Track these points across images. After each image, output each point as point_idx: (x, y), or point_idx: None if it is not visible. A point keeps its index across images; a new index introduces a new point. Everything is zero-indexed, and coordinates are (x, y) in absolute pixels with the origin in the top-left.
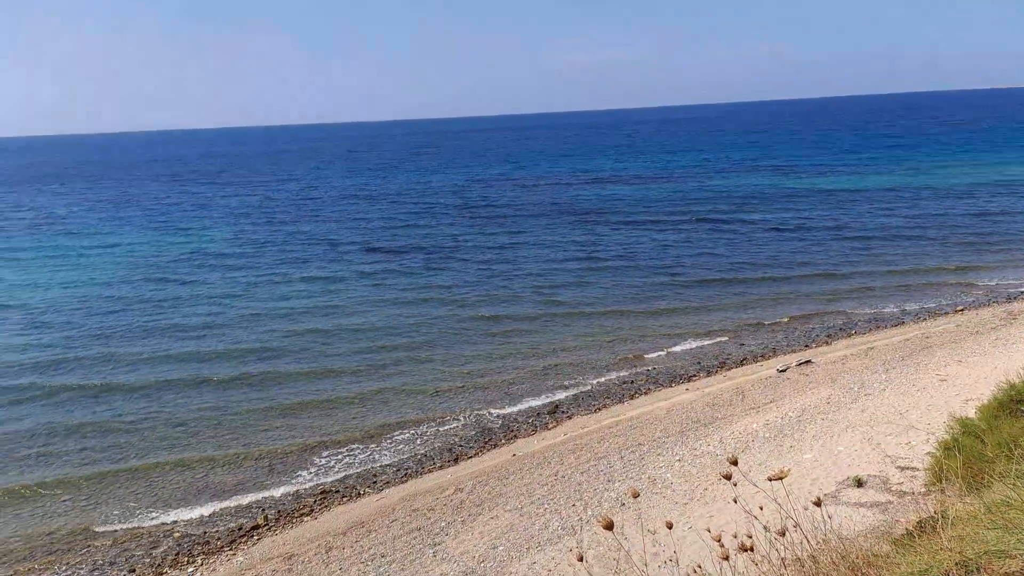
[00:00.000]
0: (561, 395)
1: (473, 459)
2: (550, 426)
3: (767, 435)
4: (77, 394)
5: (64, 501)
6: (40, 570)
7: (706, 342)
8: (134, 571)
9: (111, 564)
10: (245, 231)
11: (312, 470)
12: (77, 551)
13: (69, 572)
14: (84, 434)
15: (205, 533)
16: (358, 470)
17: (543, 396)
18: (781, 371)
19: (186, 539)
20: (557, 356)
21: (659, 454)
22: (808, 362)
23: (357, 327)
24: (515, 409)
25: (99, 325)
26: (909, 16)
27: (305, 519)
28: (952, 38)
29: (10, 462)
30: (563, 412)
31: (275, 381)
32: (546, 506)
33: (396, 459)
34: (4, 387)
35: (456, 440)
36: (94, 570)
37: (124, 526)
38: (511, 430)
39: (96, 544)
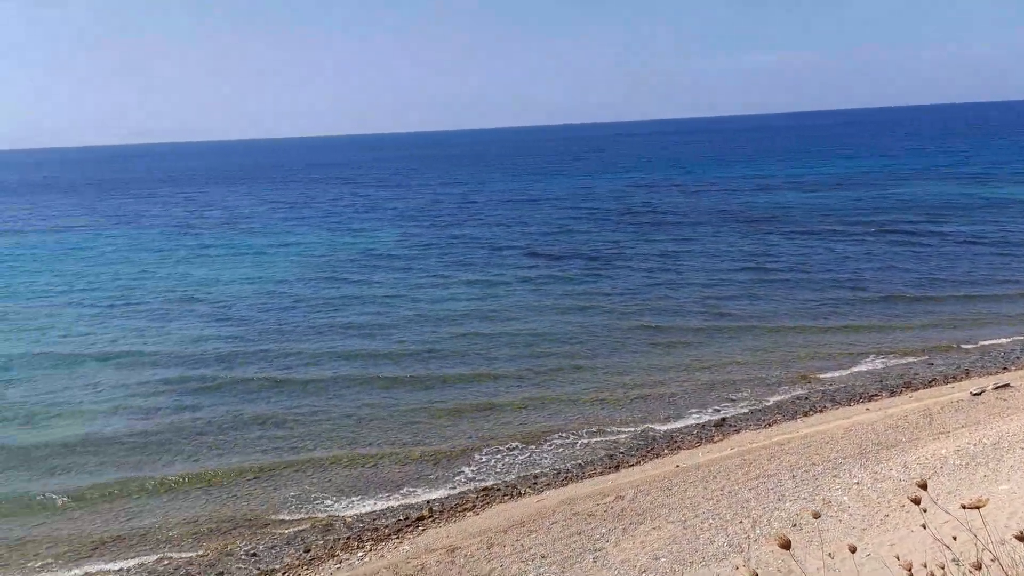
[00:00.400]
0: (728, 409)
1: (635, 467)
2: (716, 439)
3: (958, 462)
4: (256, 386)
5: (246, 484)
6: (224, 544)
7: (890, 361)
8: (309, 551)
9: (288, 543)
10: (411, 233)
11: (474, 467)
12: (257, 530)
13: (250, 547)
14: (264, 424)
15: (374, 521)
16: (518, 470)
17: (708, 409)
18: (975, 394)
19: (356, 526)
20: (724, 370)
21: (835, 476)
22: (1006, 386)
23: (517, 332)
24: (679, 420)
25: (276, 320)
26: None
27: (467, 514)
28: None
29: (197, 447)
30: (730, 426)
31: (439, 381)
32: (711, 521)
33: (556, 462)
34: (191, 376)
35: (617, 447)
36: (273, 547)
37: (299, 510)
38: (674, 441)
39: (274, 526)
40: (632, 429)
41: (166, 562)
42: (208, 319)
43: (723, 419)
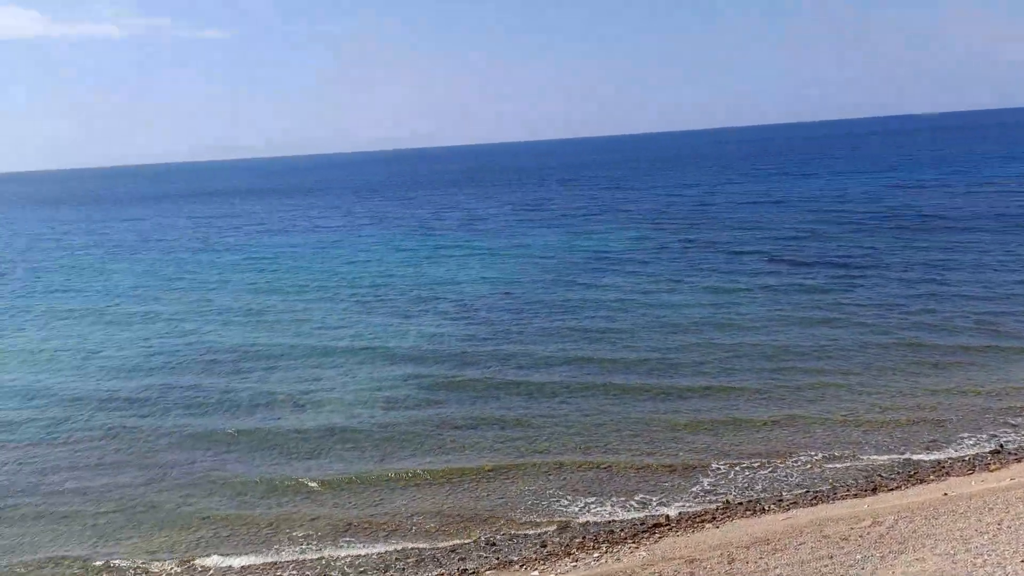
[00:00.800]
0: (1007, 436)
1: (894, 492)
2: (992, 467)
3: None
4: (492, 385)
5: (484, 479)
6: (465, 533)
7: None
8: (545, 546)
9: (525, 537)
10: (645, 236)
11: (712, 479)
12: (496, 522)
13: (490, 536)
14: (500, 423)
15: (609, 524)
16: (761, 486)
17: (982, 434)
18: None
19: (592, 527)
20: (1003, 395)
21: None
22: None
23: (758, 344)
24: (947, 445)
25: (510, 321)
26: None
27: (706, 525)
28: None
29: (438, 441)
30: (1010, 454)
31: (675, 391)
32: (985, 557)
33: (804, 480)
34: (431, 373)
35: (874, 470)
36: (511, 539)
37: (535, 508)
38: (941, 466)
39: (511, 521)
40: (891, 451)
41: (411, 546)
42: (446, 317)
43: (1000, 446)
